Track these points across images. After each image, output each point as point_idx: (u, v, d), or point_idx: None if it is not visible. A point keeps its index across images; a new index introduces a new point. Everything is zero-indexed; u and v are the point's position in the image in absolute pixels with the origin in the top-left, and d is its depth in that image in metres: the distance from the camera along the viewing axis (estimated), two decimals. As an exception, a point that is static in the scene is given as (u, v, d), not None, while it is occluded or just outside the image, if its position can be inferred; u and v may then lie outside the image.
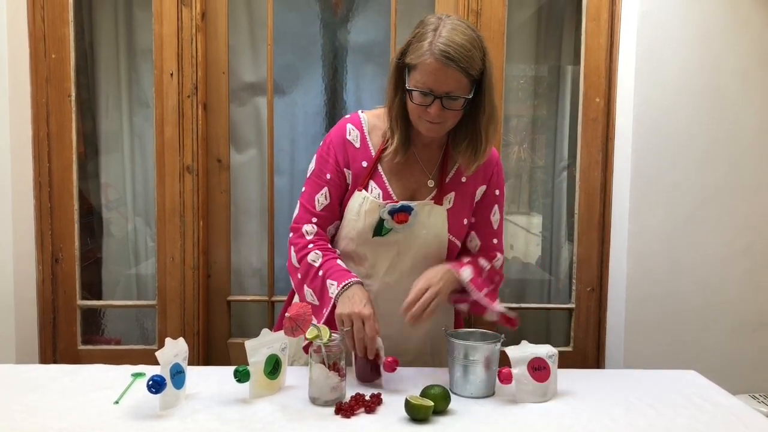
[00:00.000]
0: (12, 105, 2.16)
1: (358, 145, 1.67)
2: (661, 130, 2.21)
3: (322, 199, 1.67)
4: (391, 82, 1.60)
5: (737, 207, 2.25)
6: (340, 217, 1.69)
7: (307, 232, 1.66)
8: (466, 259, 1.69)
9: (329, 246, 1.67)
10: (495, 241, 1.76)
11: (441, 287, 1.56)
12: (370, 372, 1.55)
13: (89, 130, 2.53)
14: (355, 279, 1.57)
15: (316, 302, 1.61)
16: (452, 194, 1.67)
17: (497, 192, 1.74)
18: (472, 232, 1.74)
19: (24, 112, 2.24)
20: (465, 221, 1.69)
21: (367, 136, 1.67)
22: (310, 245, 1.64)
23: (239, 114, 2.50)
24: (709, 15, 2.18)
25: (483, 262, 1.70)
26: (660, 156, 2.22)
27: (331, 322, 1.55)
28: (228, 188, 2.42)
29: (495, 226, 1.75)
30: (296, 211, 1.71)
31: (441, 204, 1.65)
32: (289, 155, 2.56)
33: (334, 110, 2.56)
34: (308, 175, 1.70)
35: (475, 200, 1.71)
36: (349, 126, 1.68)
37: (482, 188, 1.72)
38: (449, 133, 1.65)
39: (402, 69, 1.56)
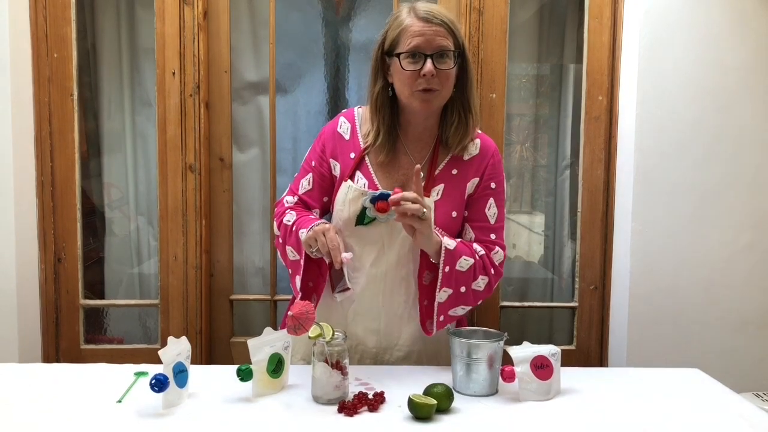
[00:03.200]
0: (14, 104, 2.16)
1: (347, 137, 1.70)
2: (664, 128, 2.20)
3: (305, 183, 1.73)
4: (371, 76, 1.64)
5: (740, 205, 2.24)
6: (322, 206, 1.73)
7: (287, 201, 1.74)
8: (460, 239, 1.67)
9: (306, 210, 1.72)
10: (493, 236, 1.70)
11: (427, 215, 1.51)
12: (341, 279, 1.60)
13: (91, 130, 2.53)
14: (319, 222, 1.59)
15: (297, 257, 1.64)
16: (441, 186, 1.66)
17: (493, 185, 1.69)
18: (467, 225, 1.70)
19: (26, 111, 2.24)
20: (454, 214, 1.66)
21: (358, 129, 1.70)
22: (287, 210, 1.70)
23: (241, 113, 2.50)
24: (712, 12, 2.17)
25: (478, 247, 1.66)
26: (663, 154, 2.21)
27: (307, 271, 1.61)
28: (230, 187, 2.42)
29: (492, 221, 1.70)
30: (285, 193, 1.79)
31: (428, 196, 1.64)
32: (291, 154, 2.56)
33: (337, 109, 2.56)
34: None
35: (467, 193, 1.69)
36: (341, 119, 1.73)
37: (475, 180, 1.68)
38: (441, 123, 1.67)
39: (383, 58, 1.60)
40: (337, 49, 2.56)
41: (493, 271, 1.67)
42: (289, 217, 1.67)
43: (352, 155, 1.68)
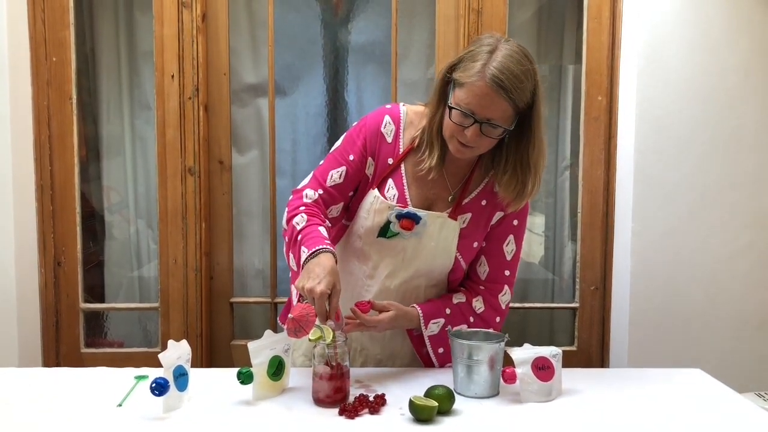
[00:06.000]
0: (13, 108, 2.16)
1: (390, 140, 1.62)
2: (664, 128, 2.20)
3: (336, 176, 1.61)
4: (435, 96, 1.54)
5: (740, 204, 2.24)
6: (345, 202, 1.64)
7: (306, 195, 1.61)
8: (456, 300, 1.65)
9: (321, 214, 1.60)
10: (507, 273, 1.67)
11: (385, 327, 1.60)
12: None
13: (91, 133, 2.53)
14: (324, 246, 1.47)
15: (296, 269, 1.55)
16: (468, 215, 1.62)
17: (515, 222, 1.66)
18: (483, 257, 1.67)
19: (25, 115, 2.24)
20: (475, 245, 1.64)
21: (401, 134, 1.62)
22: (301, 207, 1.59)
23: (240, 115, 2.50)
24: (711, 12, 2.17)
25: (477, 303, 1.65)
26: (662, 154, 2.21)
27: None
28: (230, 190, 2.42)
29: (508, 257, 1.67)
30: (306, 180, 1.66)
31: (455, 220, 1.60)
32: (290, 156, 2.56)
33: (336, 111, 2.56)
34: (331, 151, 1.66)
35: (491, 225, 1.64)
36: (386, 118, 1.63)
37: (499, 214, 1.64)
38: (491, 161, 1.60)
39: (448, 83, 1.50)
40: (336, 50, 2.56)
41: (498, 319, 1.67)
42: (299, 220, 1.57)
43: (390, 161, 1.61)
